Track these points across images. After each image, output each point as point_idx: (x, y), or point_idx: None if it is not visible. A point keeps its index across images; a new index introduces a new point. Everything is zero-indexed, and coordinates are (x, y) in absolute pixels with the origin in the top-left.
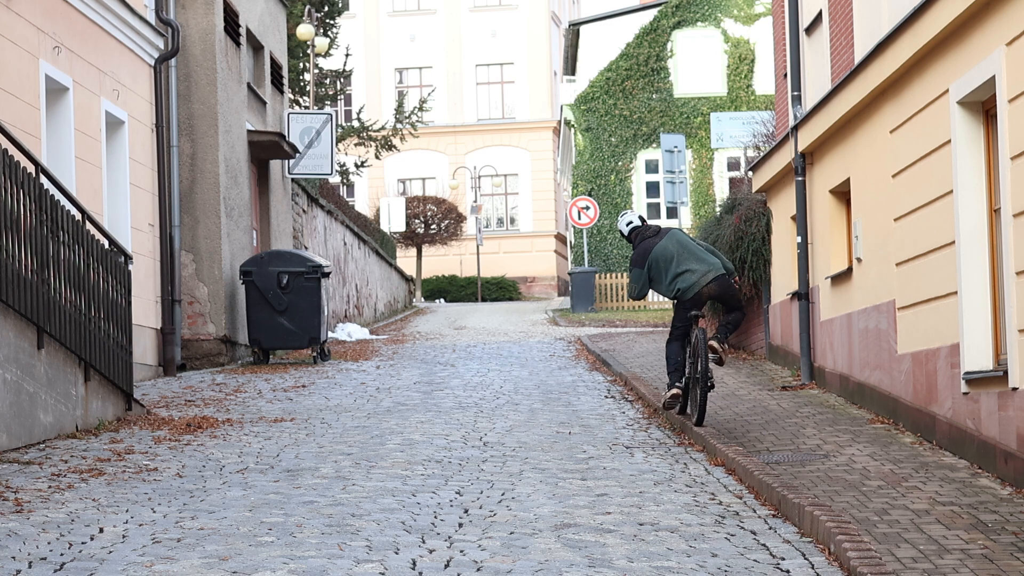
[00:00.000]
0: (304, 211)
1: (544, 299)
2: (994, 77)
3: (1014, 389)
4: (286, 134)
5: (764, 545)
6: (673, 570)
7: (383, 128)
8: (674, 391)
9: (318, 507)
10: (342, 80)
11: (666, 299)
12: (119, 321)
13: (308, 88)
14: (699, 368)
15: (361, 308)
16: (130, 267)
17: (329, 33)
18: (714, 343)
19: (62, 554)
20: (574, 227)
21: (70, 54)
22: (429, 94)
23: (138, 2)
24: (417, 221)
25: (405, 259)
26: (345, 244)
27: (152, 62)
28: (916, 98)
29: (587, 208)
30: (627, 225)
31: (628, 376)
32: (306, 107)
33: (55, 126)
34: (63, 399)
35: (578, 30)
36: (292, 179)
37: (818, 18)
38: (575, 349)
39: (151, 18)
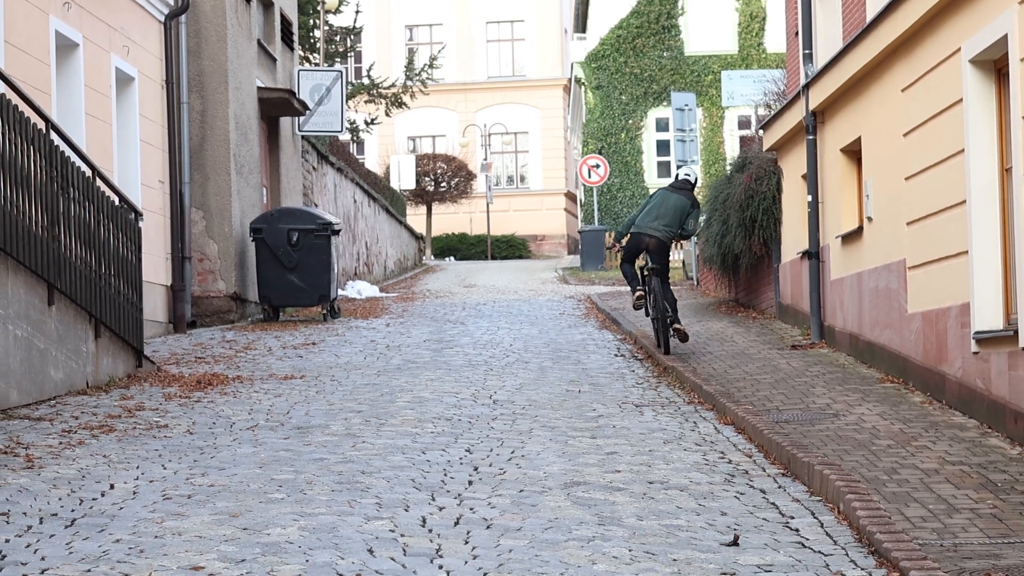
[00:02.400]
0: (314, 168)
1: (554, 257)
2: (1006, 36)
3: None
4: (296, 91)
5: (773, 504)
6: (682, 528)
7: (393, 85)
8: (638, 293)
9: (328, 464)
10: (352, 37)
11: (672, 260)
12: (129, 278)
13: (318, 45)
14: (659, 310)
15: (371, 266)
16: (140, 224)
17: None
18: (678, 326)
19: (73, 510)
20: (584, 185)
21: (80, 10)
22: (439, 51)
23: None
24: (427, 179)
25: (415, 217)
26: (355, 202)
27: (162, 18)
28: (928, 57)
29: (597, 166)
30: (685, 174)
31: (638, 335)
32: (316, 64)
33: (65, 82)
34: (74, 355)
35: None
36: (302, 136)
37: None
38: (585, 307)
39: None
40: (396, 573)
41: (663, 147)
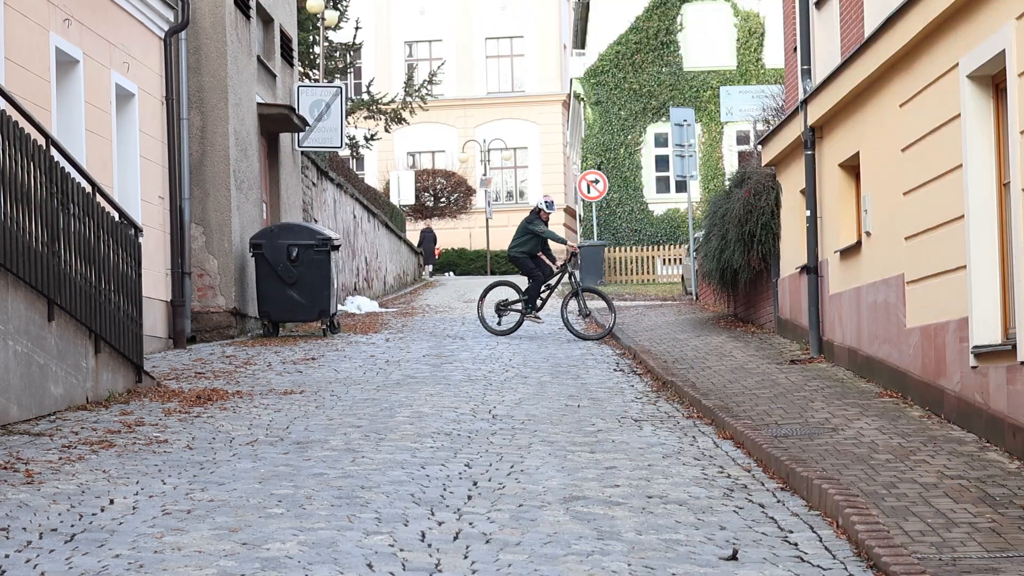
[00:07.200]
0: (314, 184)
1: None
2: (1004, 51)
3: (1023, 363)
4: (296, 107)
5: (772, 518)
6: (681, 543)
7: (393, 101)
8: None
9: (328, 479)
10: (352, 53)
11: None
12: (129, 293)
13: (318, 61)
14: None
15: (370, 281)
16: (140, 239)
17: (339, 6)
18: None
19: (72, 525)
20: (583, 200)
21: (80, 26)
22: (439, 67)
23: None
24: (427, 194)
25: (415, 232)
26: (355, 217)
27: (162, 35)
28: (926, 72)
29: (596, 182)
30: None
31: (637, 349)
32: (316, 80)
33: (65, 98)
34: (73, 371)
35: (588, 3)
36: (302, 152)
37: None
38: (584, 322)
39: None
40: None
41: (662, 162)
